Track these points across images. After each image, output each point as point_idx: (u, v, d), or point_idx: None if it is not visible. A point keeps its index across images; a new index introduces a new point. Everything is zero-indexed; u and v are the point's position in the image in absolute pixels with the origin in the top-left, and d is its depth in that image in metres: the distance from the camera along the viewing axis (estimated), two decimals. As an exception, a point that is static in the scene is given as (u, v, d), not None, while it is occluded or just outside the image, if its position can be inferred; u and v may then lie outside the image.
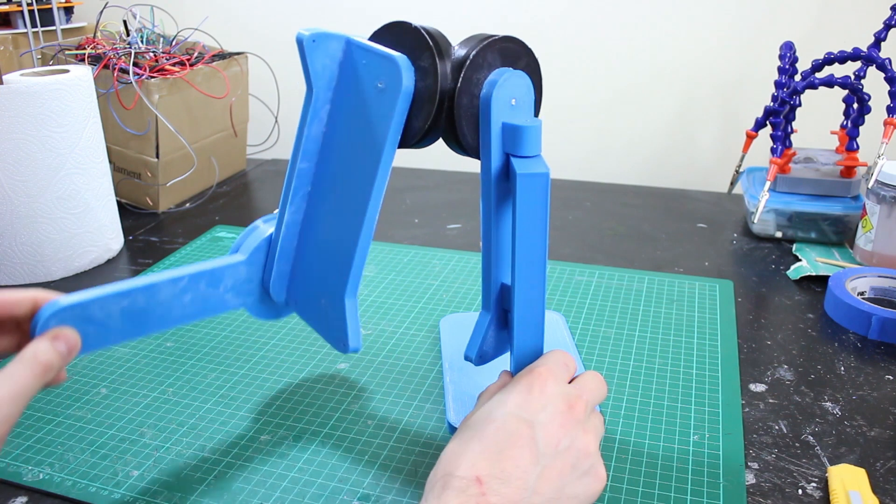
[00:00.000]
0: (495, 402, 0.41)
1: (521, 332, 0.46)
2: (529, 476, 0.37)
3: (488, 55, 0.43)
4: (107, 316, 0.43)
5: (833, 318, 0.66)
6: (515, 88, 0.43)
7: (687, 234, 0.87)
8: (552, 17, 1.08)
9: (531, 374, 0.42)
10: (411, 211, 0.95)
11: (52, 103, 0.71)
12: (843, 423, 0.52)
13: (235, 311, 0.69)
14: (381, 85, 0.43)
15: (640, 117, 1.10)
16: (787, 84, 0.82)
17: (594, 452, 0.40)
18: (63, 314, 0.41)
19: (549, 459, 0.38)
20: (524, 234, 0.43)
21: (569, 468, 0.39)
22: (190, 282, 0.47)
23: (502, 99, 0.43)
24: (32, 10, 0.98)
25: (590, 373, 0.45)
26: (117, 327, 0.44)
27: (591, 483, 0.40)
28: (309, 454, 0.49)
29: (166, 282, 0.46)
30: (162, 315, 0.46)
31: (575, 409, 0.41)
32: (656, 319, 0.66)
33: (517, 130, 0.42)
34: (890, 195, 0.71)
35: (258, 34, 1.20)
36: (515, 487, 0.37)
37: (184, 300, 0.47)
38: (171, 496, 0.46)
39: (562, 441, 0.39)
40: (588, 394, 0.43)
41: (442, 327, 0.64)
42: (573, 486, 0.39)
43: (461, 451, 0.38)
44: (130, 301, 0.44)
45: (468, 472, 0.37)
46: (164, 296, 0.46)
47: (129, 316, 0.44)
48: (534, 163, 0.43)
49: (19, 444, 0.51)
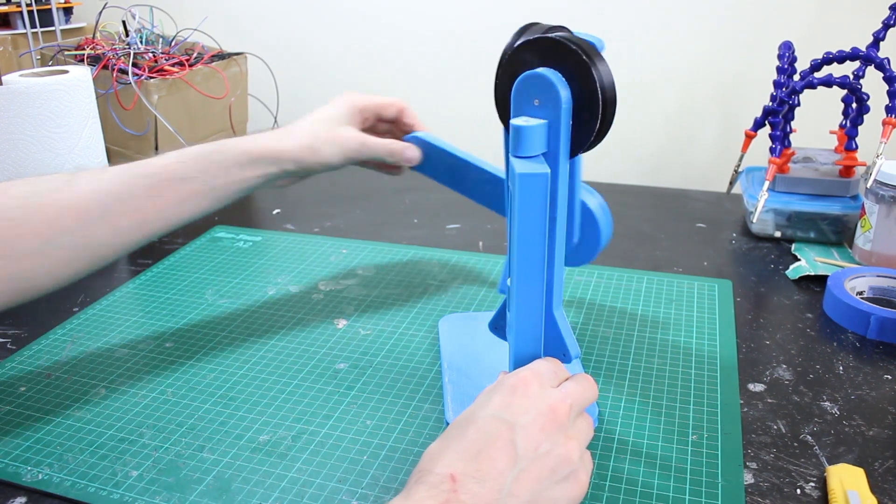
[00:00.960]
0: (479, 403, 0.41)
1: (519, 335, 0.46)
2: (505, 478, 0.37)
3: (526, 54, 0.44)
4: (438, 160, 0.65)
5: (832, 317, 0.66)
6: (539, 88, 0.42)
7: (686, 233, 0.87)
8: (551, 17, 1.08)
9: (517, 376, 0.42)
10: (411, 211, 0.95)
11: (51, 104, 0.71)
12: (842, 423, 0.52)
13: (235, 312, 0.69)
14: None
15: (639, 117, 1.10)
16: (785, 84, 0.82)
17: (576, 458, 0.40)
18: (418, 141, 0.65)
19: (527, 462, 0.38)
20: (522, 236, 0.43)
21: (547, 472, 0.38)
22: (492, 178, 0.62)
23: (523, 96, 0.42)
24: (32, 11, 0.98)
25: (579, 375, 0.44)
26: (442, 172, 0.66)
27: (571, 489, 0.39)
28: (309, 454, 0.49)
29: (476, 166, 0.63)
30: (468, 186, 0.64)
31: (558, 413, 0.40)
32: (655, 319, 0.66)
33: (516, 130, 0.42)
34: (889, 195, 0.72)
35: (258, 34, 1.20)
36: (489, 488, 0.36)
37: (486, 189, 0.63)
38: (170, 496, 0.46)
39: (542, 445, 0.39)
40: (574, 397, 0.42)
41: (441, 328, 0.64)
42: (551, 490, 0.38)
43: (441, 450, 0.39)
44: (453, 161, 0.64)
45: (444, 470, 0.37)
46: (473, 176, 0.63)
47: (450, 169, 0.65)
48: (534, 163, 0.42)
49: (19, 444, 0.51)
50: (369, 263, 0.79)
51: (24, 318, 0.69)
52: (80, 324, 0.67)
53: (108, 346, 0.64)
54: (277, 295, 0.72)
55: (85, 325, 0.67)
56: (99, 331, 0.66)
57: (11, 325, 0.68)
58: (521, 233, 0.43)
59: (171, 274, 0.77)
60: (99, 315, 0.69)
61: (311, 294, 0.72)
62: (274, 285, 0.74)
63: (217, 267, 0.79)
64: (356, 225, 0.90)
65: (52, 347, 0.64)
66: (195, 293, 0.73)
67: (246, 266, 0.79)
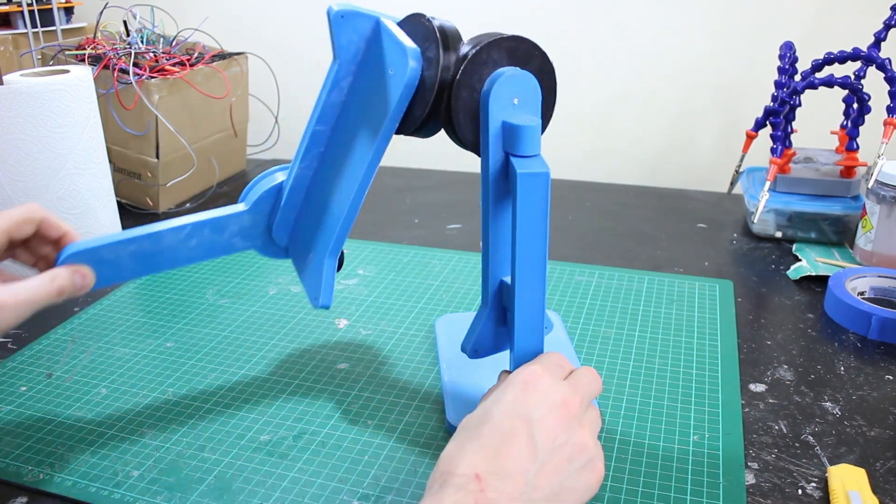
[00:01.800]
0: (492, 401, 0.42)
1: (521, 332, 0.46)
2: (528, 472, 0.38)
3: (493, 52, 0.43)
4: (117, 257, 0.50)
5: (833, 318, 0.66)
6: (519, 87, 0.43)
7: (686, 234, 0.87)
8: (552, 17, 1.08)
9: (526, 372, 0.43)
10: (411, 211, 0.95)
11: (52, 103, 0.71)
12: (843, 423, 0.52)
13: (236, 312, 0.69)
14: (392, 72, 0.44)
15: (639, 117, 1.10)
16: (786, 84, 0.82)
17: (591, 447, 0.41)
18: (80, 255, 0.49)
19: (547, 455, 0.39)
20: (524, 233, 0.43)
21: (566, 463, 0.39)
22: (193, 229, 0.52)
23: (503, 96, 0.43)
24: (32, 11, 0.98)
25: (584, 368, 0.45)
26: (128, 266, 0.51)
27: (589, 477, 0.40)
28: (309, 454, 0.49)
29: (169, 230, 0.51)
30: (170, 257, 0.52)
31: (570, 404, 0.41)
32: (656, 319, 0.66)
33: (516, 130, 0.42)
34: (890, 195, 0.71)
35: (258, 34, 1.20)
36: (514, 483, 0.37)
37: (189, 244, 0.52)
38: (171, 496, 0.46)
39: (559, 437, 0.40)
40: (583, 389, 0.43)
41: (438, 327, 0.64)
42: (571, 480, 0.39)
43: (459, 451, 0.39)
44: (137, 246, 0.50)
45: (467, 470, 0.37)
46: (168, 242, 0.51)
47: (138, 258, 0.51)
48: (534, 162, 0.43)
49: (19, 445, 0.51)
50: (370, 263, 0.79)
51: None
52: (80, 324, 0.67)
53: (108, 346, 0.64)
54: (278, 295, 0.72)
55: (85, 325, 0.67)
56: (99, 331, 0.66)
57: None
58: (524, 230, 0.43)
59: (172, 274, 0.77)
60: (100, 315, 0.69)
61: (312, 294, 0.72)
62: (275, 285, 0.74)
63: (218, 267, 0.79)
64: (357, 225, 0.90)
65: (53, 347, 0.64)
66: (196, 293, 0.73)
67: (247, 266, 0.79)
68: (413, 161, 1.18)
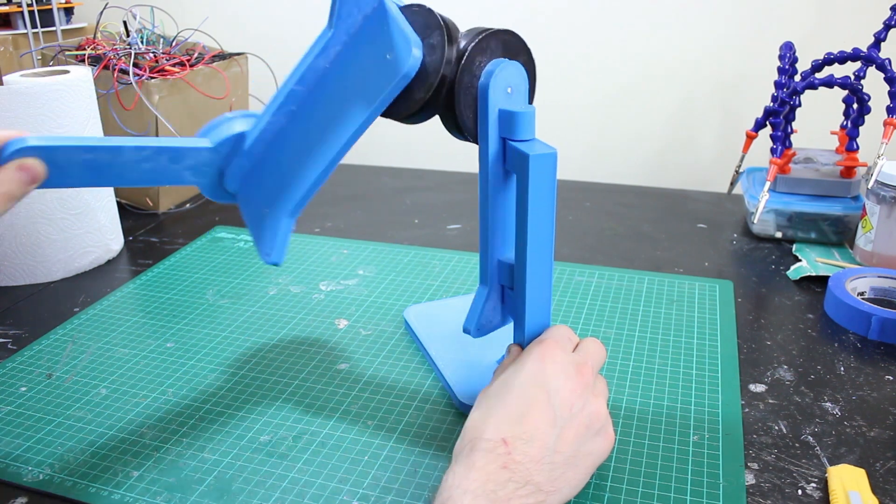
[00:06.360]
0: (511, 373, 0.45)
1: (531, 307, 0.48)
2: (549, 437, 0.41)
3: (492, 42, 0.46)
4: (69, 163, 0.45)
5: (833, 318, 0.66)
6: (512, 78, 0.46)
7: (687, 234, 0.87)
8: (552, 17, 1.08)
9: (541, 345, 0.46)
10: (411, 211, 0.95)
11: (52, 104, 0.71)
12: (843, 424, 0.52)
13: (236, 312, 0.69)
14: (390, 57, 0.45)
15: (639, 117, 1.10)
16: (786, 84, 0.82)
17: (604, 414, 0.44)
18: (29, 151, 0.42)
19: (566, 421, 0.42)
20: (535, 212, 0.45)
21: (583, 428, 0.42)
22: (153, 153, 0.49)
23: (499, 86, 0.46)
24: (32, 11, 0.98)
25: (589, 339, 0.49)
26: (76, 174, 0.46)
27: (603, 441, 0.44)
28: (309, 454, 0.49)
29: (131, 148, 0.47)
30: (119, 174, 0.48)
31: (583, 374, 0.44)
32: (656, 320, 0.66)
33: (514, 116, 0.45)
34: (890, 195, 0.72)
35: (258, 34, 1.20)
36: (538, 447, 0.40)
37: (143, 167, 0.49)
38: (171, 496, 0.46)
39: (575, 404, 0.43)
40: (592, 359, 0.46)
41: (409, 317, 0.65)
42: (588, 444, 0.43)
43: (485, 419, 0.42)
44: (94, 156, 0.46)
45: (494, 435, 0.40)
46: (125, 158, 0.48)
47: (90, 167, 0.46)
48: (537, 144, 0.45)
49: (19, 445, 0.51)
50: (370, 263, 0.79)
51: (24, 318, 0.69)
52: (80, 324, 0.67)
53: (108, 347, 0.64)
54: (278, 295, 0.72)
55: (85, 325, 0.67)
56: (99, 331, 0.66)
57: (12, 325, 0.68)
58: (535, 210, 0.45)
59: (172, 274, 0.77)
60: (99, 315, 0.69)
61: (312, 294, 0.72)
62: (275, 285, 0.74)
63: (218, 267, 0.79)
64: (357, 225, 0.90)
65: (53, 347, 0.64)
66: (196, 293, 0.73)
67: (247, 266, 0.79)
68: (413, 161, 1.18)
